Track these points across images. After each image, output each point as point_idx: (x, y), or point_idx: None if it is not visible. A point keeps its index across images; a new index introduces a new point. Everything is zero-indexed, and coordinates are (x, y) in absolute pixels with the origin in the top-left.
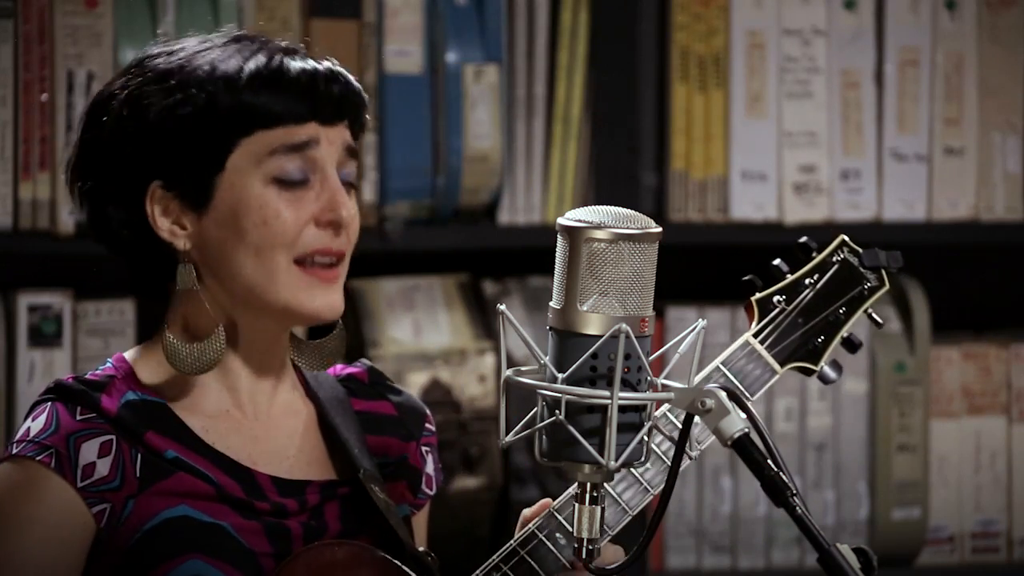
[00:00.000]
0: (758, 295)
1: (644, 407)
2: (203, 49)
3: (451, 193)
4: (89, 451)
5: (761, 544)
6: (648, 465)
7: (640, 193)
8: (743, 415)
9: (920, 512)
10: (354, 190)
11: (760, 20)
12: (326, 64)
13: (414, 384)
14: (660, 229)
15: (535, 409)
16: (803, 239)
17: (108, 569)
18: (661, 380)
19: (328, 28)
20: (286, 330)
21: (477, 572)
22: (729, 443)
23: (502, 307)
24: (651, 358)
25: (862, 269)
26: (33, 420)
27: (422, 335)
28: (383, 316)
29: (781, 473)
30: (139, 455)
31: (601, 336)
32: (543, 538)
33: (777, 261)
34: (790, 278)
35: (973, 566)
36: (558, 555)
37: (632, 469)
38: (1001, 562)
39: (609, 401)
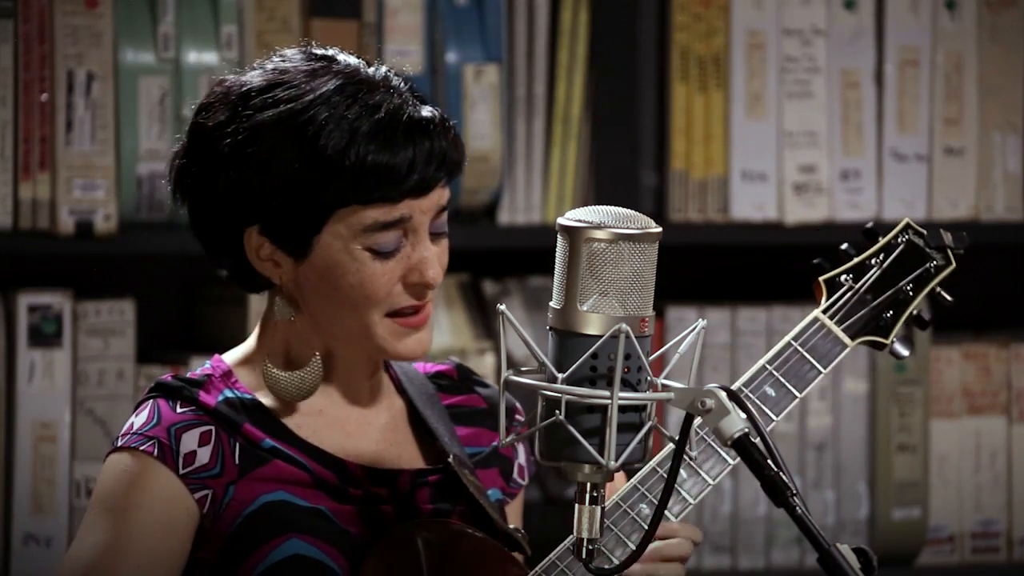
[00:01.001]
0: (826, 275)
1: (644, 407)
2: (314, 97)
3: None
4: (190, 440)
5: (761, 544)
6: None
7: (640, 193)
8: (743, 415)
9: (920, 512)
10: (446, 237)
11: (760, 20)
12: (438, 143)
13: None
14: (660, 229)
15: (535, 409)
16: (870, 224)
17: (213, 552)
18: (661, 380)
19: (328, 28)
20: None
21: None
22: (729, 443)
23: (502, 307)
24: (651, 358)
25: (927, 249)
26: (136, 415)
27: None
28: None
29: (781, 473)
30: (237, 444)
31: (601, 336)
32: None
33: (844, 245)
34: (856, 259)
35: (973, 566)
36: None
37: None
38: (1001, 562)
39: (609, 401)
